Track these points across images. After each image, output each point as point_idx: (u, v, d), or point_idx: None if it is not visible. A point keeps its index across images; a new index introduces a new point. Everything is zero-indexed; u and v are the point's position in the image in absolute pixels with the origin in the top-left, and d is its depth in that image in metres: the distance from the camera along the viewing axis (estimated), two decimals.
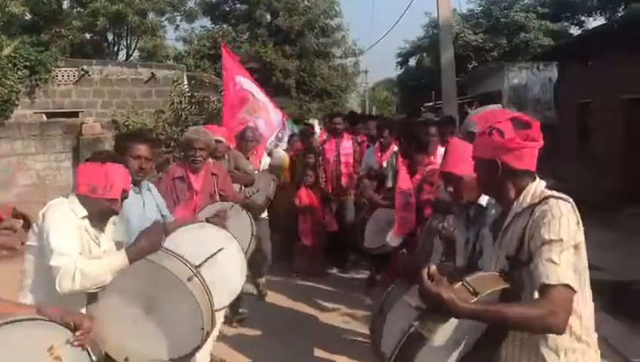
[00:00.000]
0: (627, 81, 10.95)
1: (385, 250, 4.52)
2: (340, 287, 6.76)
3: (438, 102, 25.95)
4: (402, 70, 34.54)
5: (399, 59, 34.10)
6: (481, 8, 30.50)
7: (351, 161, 7.12)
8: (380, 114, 29.12)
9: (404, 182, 4.55)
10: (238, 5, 24.70)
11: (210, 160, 4.18)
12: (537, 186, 2.04)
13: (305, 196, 7.00)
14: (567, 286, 1.79)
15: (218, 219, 3.33)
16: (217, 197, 4.03)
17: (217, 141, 4.69)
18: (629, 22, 9.82)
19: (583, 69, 13.33)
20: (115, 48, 24.66)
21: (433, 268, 1.77)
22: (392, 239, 4.39)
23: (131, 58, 23.05)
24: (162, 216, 3.22)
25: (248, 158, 5.85)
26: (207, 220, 3.29)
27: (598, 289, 6.63)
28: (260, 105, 8.71)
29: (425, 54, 32.78)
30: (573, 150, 13.76)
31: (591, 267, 6.46)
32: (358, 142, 7.47)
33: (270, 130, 8.15)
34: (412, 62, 34.10)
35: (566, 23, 28.04)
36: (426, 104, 27.21)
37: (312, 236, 7.06)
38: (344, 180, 7.20)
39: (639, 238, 8.48)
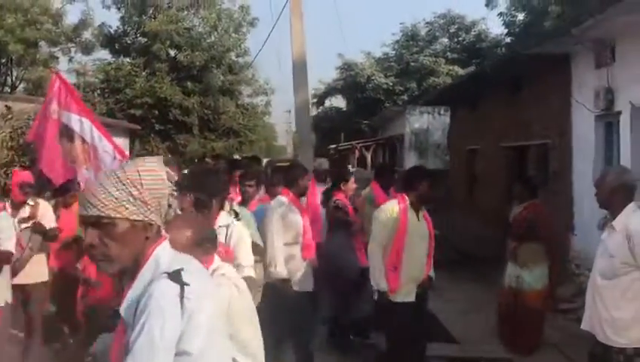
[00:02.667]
0: (506, 127, 10.57)
1: None
2: None
3: (343, 144, 25.59)
4: (318, 111, 34.22)
5: (314, 100, 33.78)
6: (394, 52, 30.74)
7: None
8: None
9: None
10: (139, 38, 23.54)
11: None
12: None
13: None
14: None
15: None
16: None
17: None
18: (503, 66, 9.42)
19: (470, 114, 12.99)
20: (4, 78, 22.93)
21: None
22: None
23: (16, 90, 21.37)
24: None
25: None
26: None
27: None
28: (92, 153, 7.55)
29: (342, 96, 32.72)
30: (462, 198, 13.28)
31: (447, 339, 5.56)
32: None
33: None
34: (328, 103, 33.94)
35: (474, 69, 28.52)
36: (330, 146, 26.83)
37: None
38: None
39: None
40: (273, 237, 4.62)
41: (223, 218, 3.23)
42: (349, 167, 22.99)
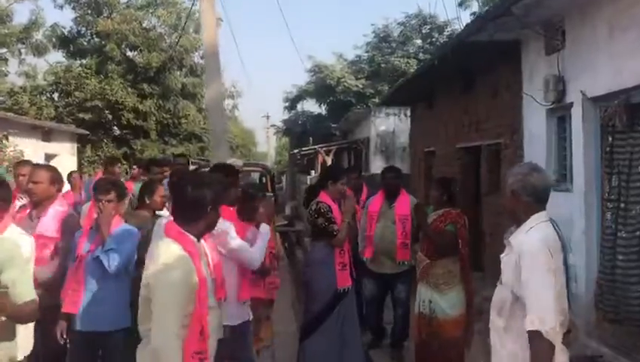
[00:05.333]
0: (461, 126, 9.65)
1: None
2: None
3: (305, 148, 24.57)
4: (290, 115, 33.19)
5: (286, 104, 32.79)
6: (367, 54, 29.82)
7: None
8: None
9: None
10: (95, 39, 22.38)
11: None
12: None
13: None
14: None
15: None
16: None
17: None
18: (452, 58, 8.45)
19: (428, 114, 12.06)
20: None
21: None
22: None
23: None
24: None
25: None
26: None
27: None
28: None
29: (314, 100, 31.65)
30: (422, 198, 12.28)
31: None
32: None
33: None
34: (300, 107, 32.93)
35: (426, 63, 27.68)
36: (293, 151, 25.85)
37: None
38: None
39: None
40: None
41: None
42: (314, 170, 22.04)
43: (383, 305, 5.85)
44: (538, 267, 2.36)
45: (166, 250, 2.49)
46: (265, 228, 4.06)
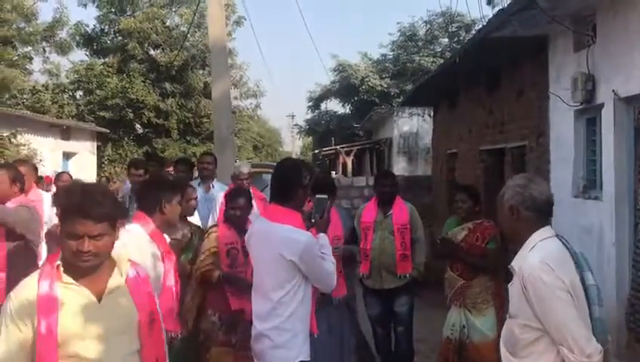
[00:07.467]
0: (485, 128, 9.18)
1: None
2: None
3: (326, 148, 24.19)
4: (314, 114, 32.88)
5: (310, 103, 32.52)
6: (392, 53, 29.35)
7: None
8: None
9: None
10: (117, 37, 22.37)
11: None
12: None
13: None
14: None
15: None
16: None
17: None
18: (475, 55, 8.01)
19: (450, 115, 11.60)
20: None
21: None
22: None
23: None
24: None
25: None
26: None
27: None
28: None
29: (338, 99, 31.24)
30: (444, 203, 11.84)
31: None
32: None
33: None
34: (324, 106, 32.61)
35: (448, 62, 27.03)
36: (315, 151, 25.55)
37: None
38: None
39: None
40: None
41: None
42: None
43: (391, 326, 5.32)
44: (545, 290, 2.06)
45: None
46: (325, 238, 3.14)
